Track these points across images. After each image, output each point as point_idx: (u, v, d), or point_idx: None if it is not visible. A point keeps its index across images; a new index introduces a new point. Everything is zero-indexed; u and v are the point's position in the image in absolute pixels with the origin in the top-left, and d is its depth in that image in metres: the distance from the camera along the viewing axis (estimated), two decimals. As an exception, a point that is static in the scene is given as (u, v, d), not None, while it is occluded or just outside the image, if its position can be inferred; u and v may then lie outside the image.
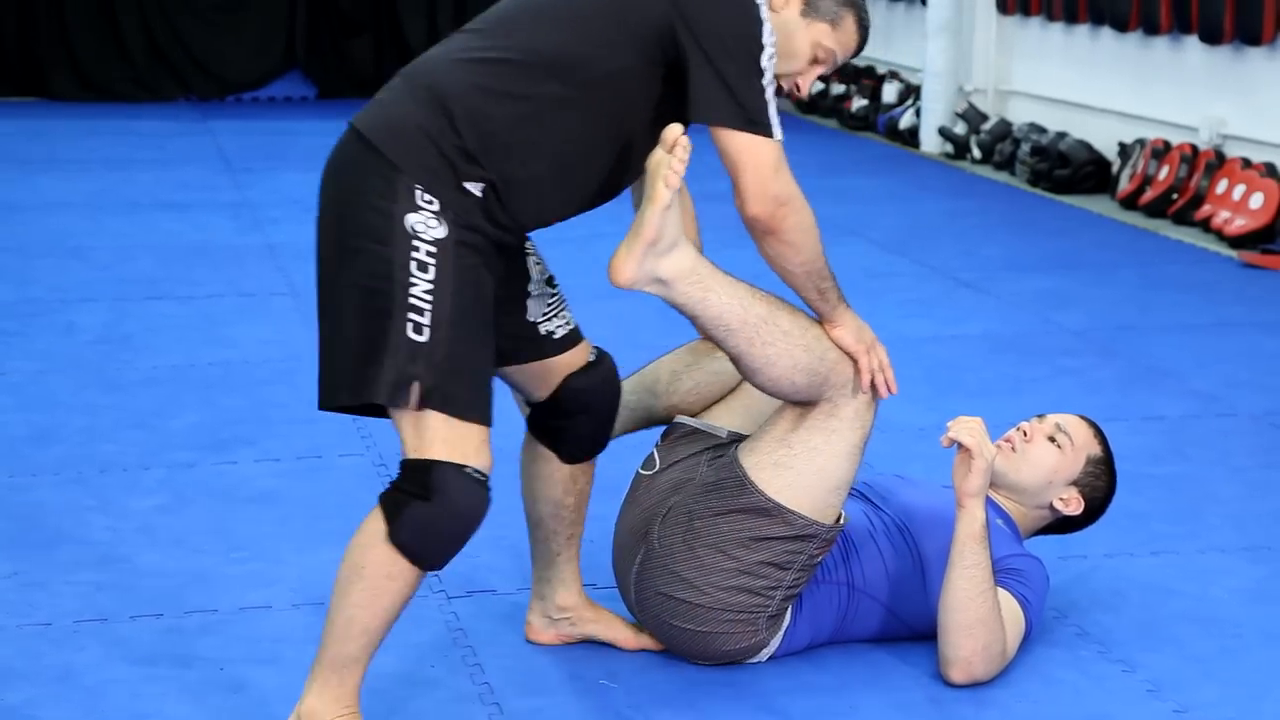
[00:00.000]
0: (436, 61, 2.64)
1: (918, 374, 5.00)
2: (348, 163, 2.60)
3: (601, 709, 2.89)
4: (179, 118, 10.46)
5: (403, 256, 2.49)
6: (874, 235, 7.15)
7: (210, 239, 6.84)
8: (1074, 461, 3.20)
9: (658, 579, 2.95)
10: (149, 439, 4.30)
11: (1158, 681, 3.02)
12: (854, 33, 2.78)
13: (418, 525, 2.52)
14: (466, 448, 2.53)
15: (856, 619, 3.08)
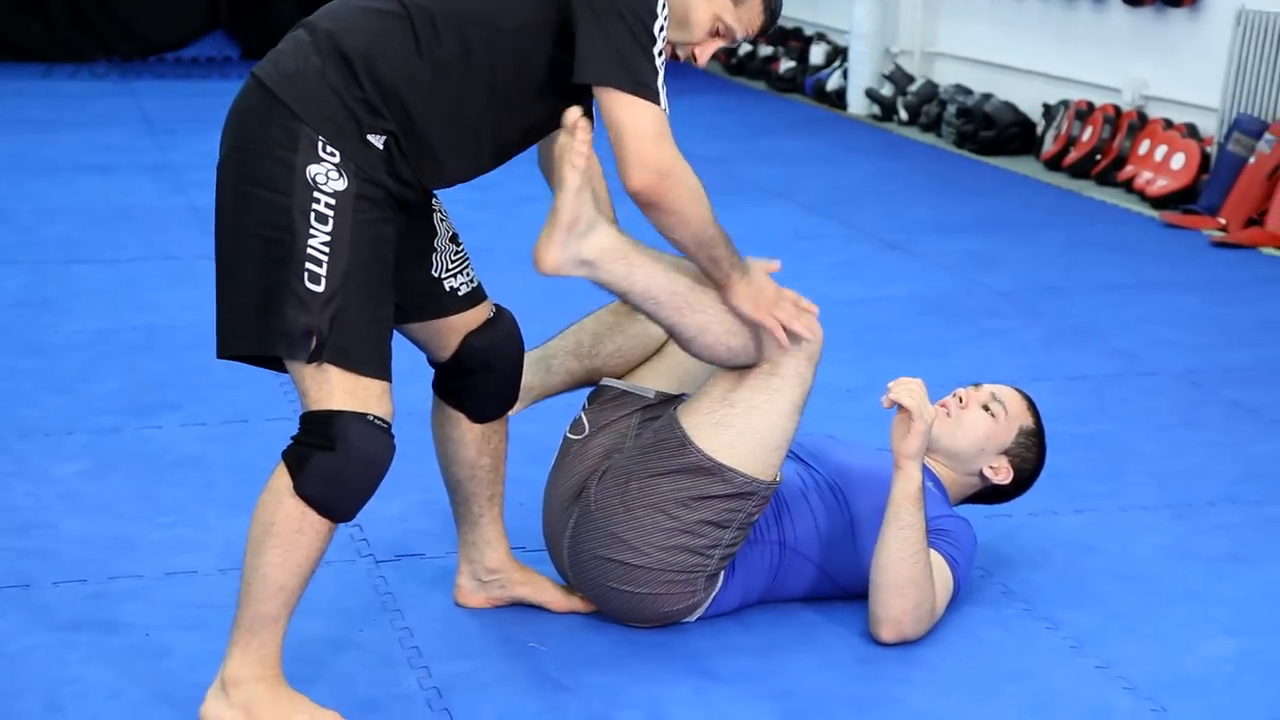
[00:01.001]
0: (339, 12, 2.59)
1: (845, 336, 5.01)
2: (249, 110, 2.55)
3: (531, 671, 2.88)
4: (100, 78, 10.31)
5: (303, 206, 2.46)
6: (801, 197, 7.16)
7: (133, 202, 6.75)
8: (1006, 431, 3.23)
9: (595, 542, 2.95)
10: (71, 404, 4.24)
11: (1081, 638, 3.05)
12: (759, 12, 2.74)
13: (323, 476, 2.50)
14: (368, 398, 2.51)
15: (787, 578, 3.09)
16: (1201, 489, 3.82)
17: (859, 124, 9.34)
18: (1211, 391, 4.54)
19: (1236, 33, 6.97)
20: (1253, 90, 6.92)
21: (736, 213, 6.75)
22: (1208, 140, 7.10)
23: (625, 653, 2.96)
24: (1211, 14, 7.25)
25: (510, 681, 2.85)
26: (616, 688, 2.84)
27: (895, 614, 2.94)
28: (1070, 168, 7.70)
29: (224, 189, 2.58)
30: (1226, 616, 3.15)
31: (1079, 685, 2.88)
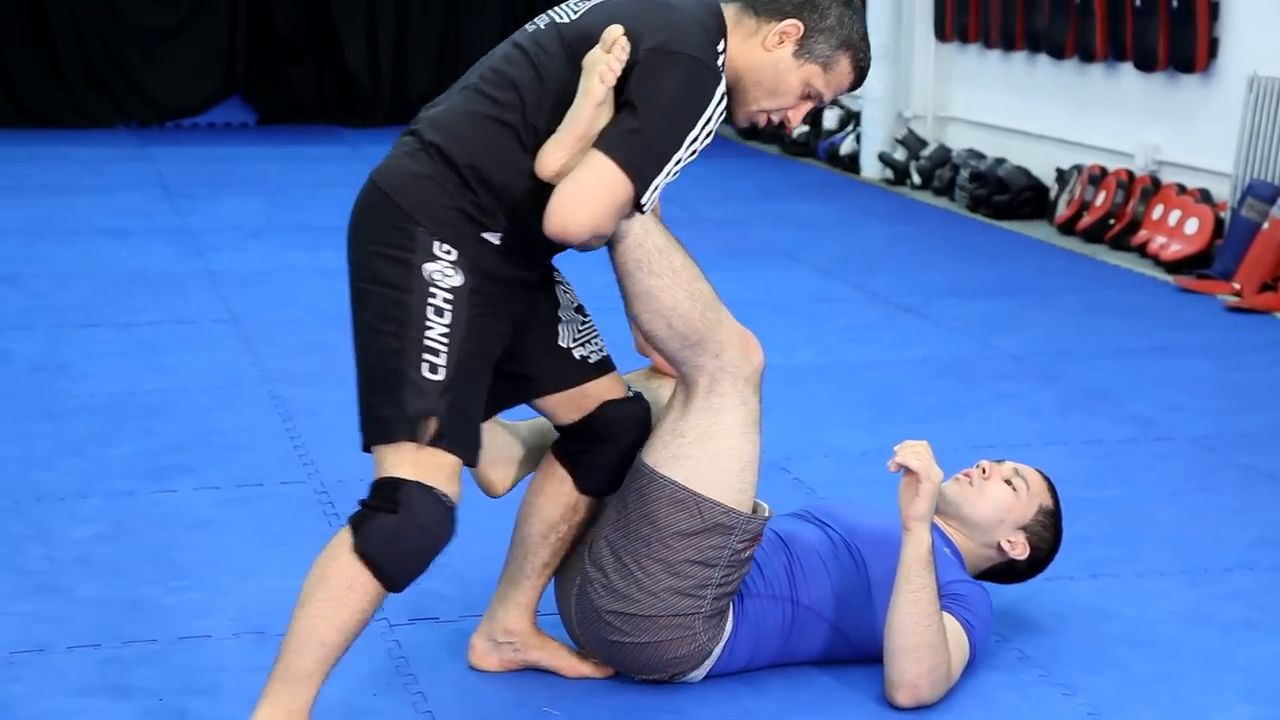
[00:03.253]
0: (445, 122, 2.72)
1: (860, 398, 5.03)
2: (368, 213, 2.73)
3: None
4: (118, 144, 10.39)
5: (420, 302, 2.61)
6: (816, 261, 7.18)
7: (149, 266, 6.79)
8: (1027, 507, 3.24)
9: (596, 599, 2.95)
10: (87, 467, 4.26)
11: (1098, 704, 3.04)
12: (848, 73, 2.83)
13: (383, 537, 2.60)
14: (438, 475, 2.63)
15: (801, 637, 3.09)
16: (1217, 554, 3.81)
17: (872, 188, 9.38)
18: (1226, 457, 4.54)
19: (1249, 99, 7.01)
20: (1266, 156, 6.94)
21: (751, 275, 6.79)
22: (1221, 205, 7.12)
23: (637, 714, 2.95)
24: (1224, 80, 7.29)
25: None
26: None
27: (910, 678, 2.93)
28: (1084, 232, 7.72)
29: (351, 289, 2.74)
30: (1243, 683, 3.14)
31: (1096, 752, 2.87)
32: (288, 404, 4.82)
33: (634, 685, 3.04)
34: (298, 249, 7.11)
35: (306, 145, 10.49)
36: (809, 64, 2.78)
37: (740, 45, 2.77)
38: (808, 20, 2.77)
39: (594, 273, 3.27)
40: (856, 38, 2.81)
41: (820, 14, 2.77)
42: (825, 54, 2.78)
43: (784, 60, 2.78)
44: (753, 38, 2.77)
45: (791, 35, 2.76)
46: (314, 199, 8.47)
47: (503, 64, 2.73)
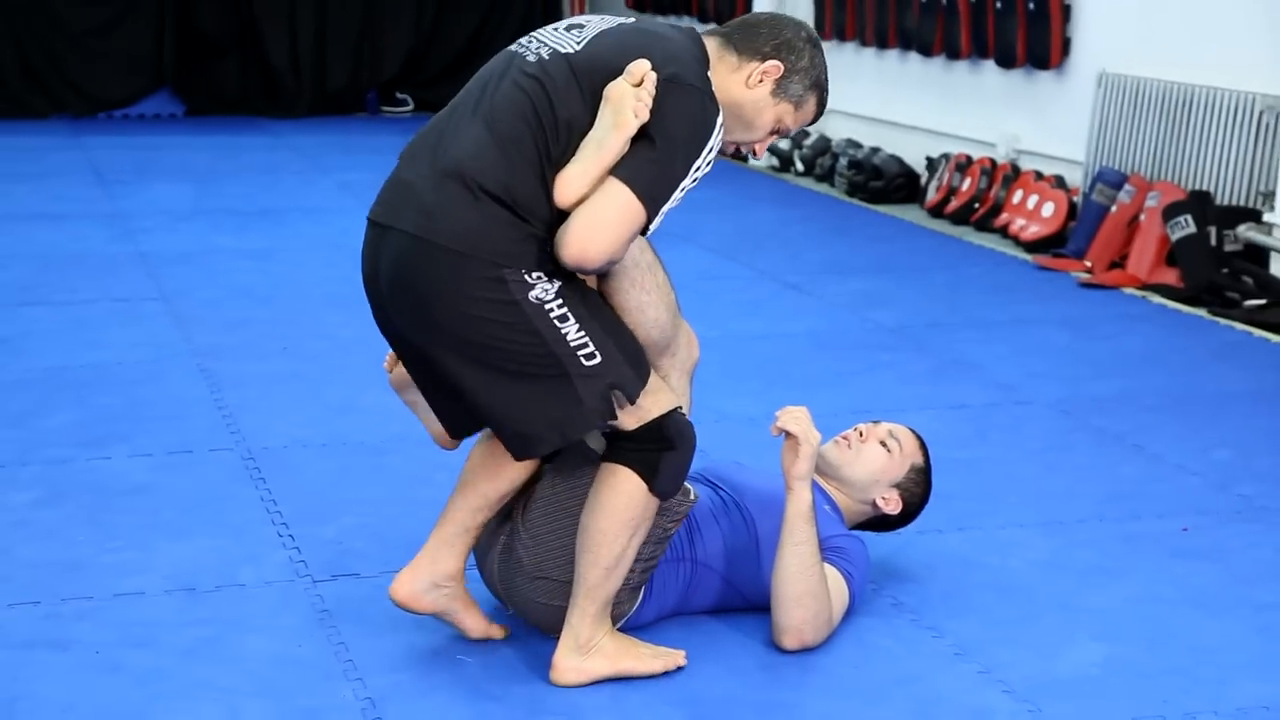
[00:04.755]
0: (480, 155, 2.64)
1: (748, 368, 5.05)
2: (447, 275, 2.62)
3: (459, 682, 2.88)
4: (52, 134, 10.18)
5: (545, 322, 2.64)
6: (707, 241, 7.20)
7: (84, 248, 6.66)
8: (900, 466, 3.28)
9: (523, 561, 2.94)
10: (24, 437, 4.18)
11: (963, 645, 3.08)
12: (814, 110, 2.83)
13: (675, 472, 2.77)
14: (666, 395, 2.77)
15: (697, 591, 3.10)
16: (1072, 508, 3.87)
17: (759, 175, 9.41)
18: (1080, 419, 4.61)
19: (1098, 93, 7.10)
20: (1113, 145, 7.04)
21: (647, 257, 6.78)
22: (1074, 190, 7.21)
23: (546, 664, 2.95)
24: (1076, 76, 7.38)
25: (441, 691, 2.84)
26: (539, 697, 2.84)
27: (796, 623, 2.96)
28: (951, 215, 7.80)
29: (451, 354, 2.67)
30: (1095, 624, 3.19)
31: (962, 689, 2.91)
32: (215, 376, 4.76)
33: (538, 638, 3.04)
34: (224, 232, 7.02)
35: (232, 135, 10.34)
36: (784, 102, 2.77)
37: (722, 80, 2.73)
38: (787, 61, 2.75)
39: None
40: (824, 78, 2.82)
41: (797, 55, 2.76)
42: (799, 93, 2.77)
43: (763, 98, 2.75)
44: (735, 74, 2.74)
45: (772, 75, 2.74)
46: (240, 184, 8.36)
47: (516, 93, 2.66)
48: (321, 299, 5.73)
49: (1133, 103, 6.93)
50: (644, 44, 2.67)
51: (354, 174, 8.74)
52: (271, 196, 8.03)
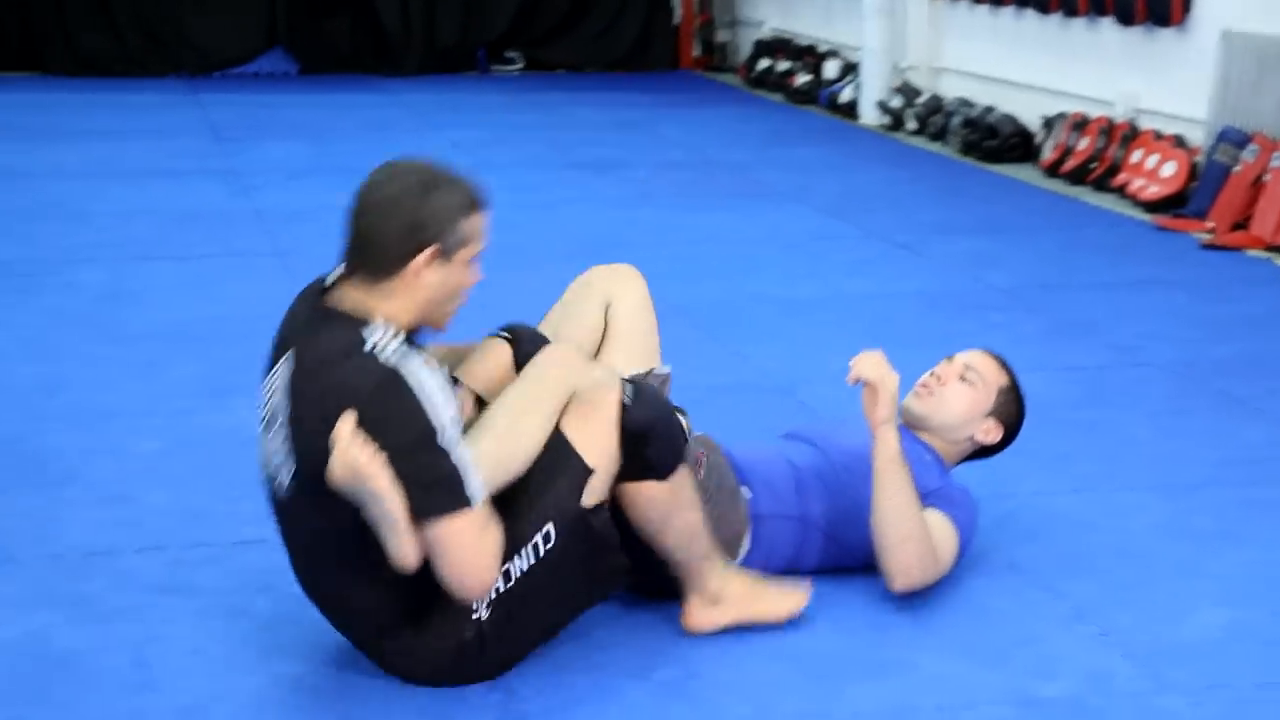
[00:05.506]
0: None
1: (858, 328, 5.02)
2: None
3: (577, 633, 2.90)
4: (170, 91, 10.35)
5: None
6: (817, 201, 7.16)
7: (201, 204, 6.78)
8: (986, 395, 3.23)
9: None
10: (150, 389, 4.27)
11: (1082, 608, 3.05)
12: (479, 219, 2.62)
13: (663, 452, 2.76)
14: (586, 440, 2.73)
15: (807, 550, 3.10)
16: (1191, 472, 3.81)
17: (870, 134, 9.32)
18: (1199, 382, 4.53)
19: (1221, 51, 6.95)
20: (1237, 104, 6.88)
21: (757, 215, 6.77)
22: (1195, 150, 7.07)
23: (663, 618, 2.97)
24: (1197, 33, 7.22)
25: (556, 642, 2.86)
26: (655, 649, 2.86)
27: (902, 565, 2.94)
28: (1068, 175, 7.68)
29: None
30: (1216, 589, 3.15)
31: (1080, 651, 2.89)
32: (332, 331, 4.83)
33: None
34: (338, 189, 7.04)
35: (344, 93, 10.45)
36: (457, 253, 2.57)
37: (400, 302, 2.56)
38: (432, 236, 2.54)
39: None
40: (461, 194, 2.59)
41: (433, 219, 2.54)
42: (459, 238, 2.57)
43: (435, 275, 2.56)
44: (404, 288, 2.55)
45: (433, 255, 2.55)
46: (352, 142, 8.44)
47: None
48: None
49: (1257, 61, 6.77)
50: (312, 394, 2.53)
51: (464, 131, 8.80)
52: (383, 154, 8.04)
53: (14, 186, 7.02)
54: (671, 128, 9.22)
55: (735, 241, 6.23)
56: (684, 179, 7.61)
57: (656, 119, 9.53)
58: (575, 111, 9.75)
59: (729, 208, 6.93)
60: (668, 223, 6.53)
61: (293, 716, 2.61)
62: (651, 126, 9.25)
